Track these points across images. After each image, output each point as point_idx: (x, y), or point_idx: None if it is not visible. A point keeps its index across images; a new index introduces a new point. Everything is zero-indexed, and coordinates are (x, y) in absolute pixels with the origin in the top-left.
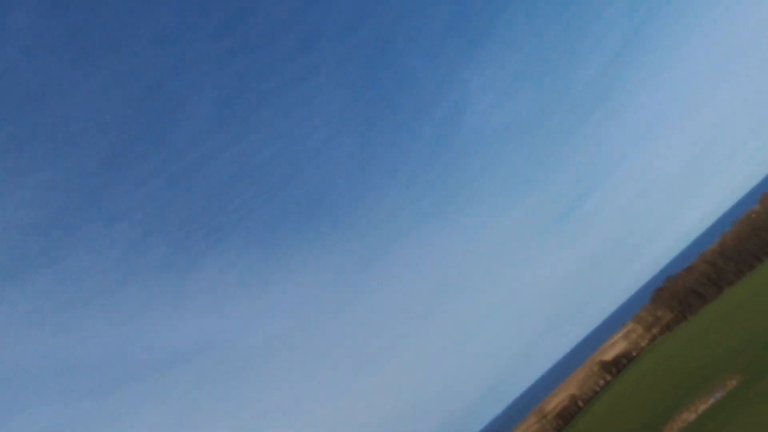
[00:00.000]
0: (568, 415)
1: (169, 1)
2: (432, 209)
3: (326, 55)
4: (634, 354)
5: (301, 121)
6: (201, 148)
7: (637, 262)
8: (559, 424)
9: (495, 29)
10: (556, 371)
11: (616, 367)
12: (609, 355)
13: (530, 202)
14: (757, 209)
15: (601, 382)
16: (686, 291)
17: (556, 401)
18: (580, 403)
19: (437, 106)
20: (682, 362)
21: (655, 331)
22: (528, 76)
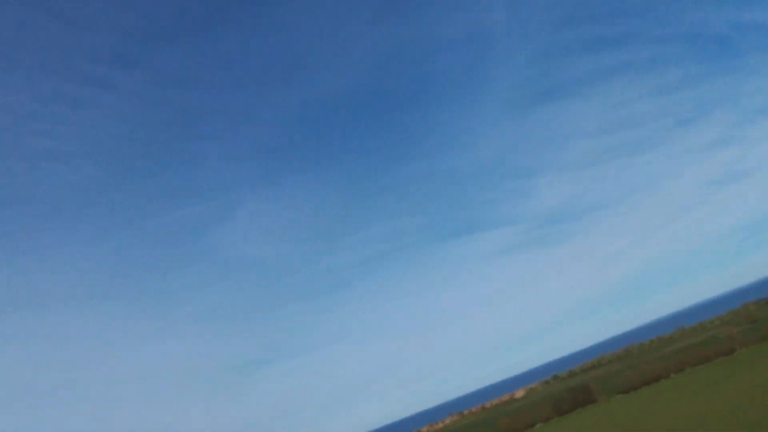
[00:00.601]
0: None
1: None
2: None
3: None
4: None
5: (81, 161)
6: None
7: None
8: None
9: (288, 177)
10: None
11: None
12: None
13: (224, 344)
14: None
15: None
16: None
17: None
18: None
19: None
20: None
21: None
22: (294, 229)
